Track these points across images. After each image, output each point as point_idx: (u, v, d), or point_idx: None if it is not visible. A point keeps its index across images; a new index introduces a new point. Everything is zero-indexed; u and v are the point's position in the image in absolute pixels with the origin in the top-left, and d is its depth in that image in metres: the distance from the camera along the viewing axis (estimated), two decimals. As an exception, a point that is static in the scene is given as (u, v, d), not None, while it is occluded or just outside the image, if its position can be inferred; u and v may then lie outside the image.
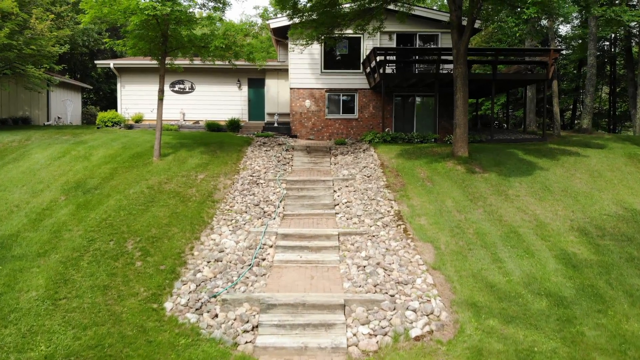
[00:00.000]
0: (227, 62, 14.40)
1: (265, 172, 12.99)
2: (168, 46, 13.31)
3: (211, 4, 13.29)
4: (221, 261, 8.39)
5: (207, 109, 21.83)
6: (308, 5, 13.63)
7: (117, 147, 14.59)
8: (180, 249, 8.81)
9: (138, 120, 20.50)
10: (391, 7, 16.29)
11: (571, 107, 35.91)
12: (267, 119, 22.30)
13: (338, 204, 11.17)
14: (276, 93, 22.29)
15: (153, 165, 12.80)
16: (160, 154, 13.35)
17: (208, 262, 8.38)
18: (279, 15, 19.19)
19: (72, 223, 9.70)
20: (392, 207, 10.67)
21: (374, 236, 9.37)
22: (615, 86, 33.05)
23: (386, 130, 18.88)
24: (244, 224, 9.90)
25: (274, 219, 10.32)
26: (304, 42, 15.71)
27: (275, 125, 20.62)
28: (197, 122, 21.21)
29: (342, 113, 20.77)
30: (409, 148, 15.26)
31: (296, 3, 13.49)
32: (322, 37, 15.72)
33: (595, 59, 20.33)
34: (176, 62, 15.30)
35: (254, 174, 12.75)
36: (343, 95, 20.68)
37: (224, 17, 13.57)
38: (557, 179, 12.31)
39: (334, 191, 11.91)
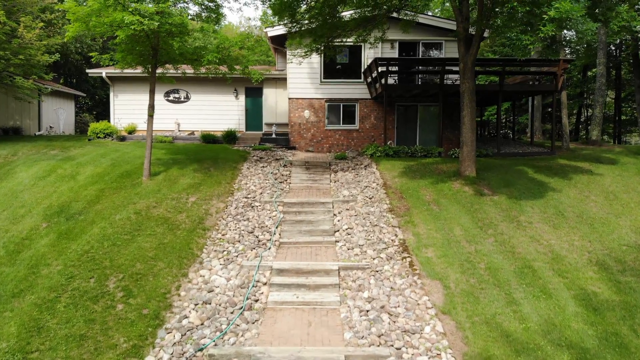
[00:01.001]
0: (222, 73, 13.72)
1: (261, 193, 12.28)
2: (159, 59, 12.61)
3: (204, 13, 12.58)
4: (210, 303, 7.68)
5: (203, 119, 21.13)
6: (306, 15, 12.91)
7: (105, 165, 13.88)
8: (166, 288, 8.09)
9: (131, 131, 19.79)
10: (394, 15, 15.58)
11: (575, 112, 35.16)
12: (265, 129, 21.59)
13: (338, 230, 10.46)
14: (274, 102, 21.57)
15: (142, 187, 12.09)
16: (150, 173, 12.64)
17: (195, 304, 7.67)
18: (276, 25, 18.43)
19: (52, 256, 9.00)
20: (396, 236, 9.95)
21: (377, 271, 8.66)
22: (620, 91, 32.32)
23: (388, 143, 18.16)
24: (237, 256, 9.18)
25: (269, 248, 9.61)
26: (303, 54, 14.99)
27: (273, 136, 19.92)
28: (192, 133, 20.50)
29: (343, 124, 20.06)
30: (412, 164, 14.54)
31: (294, 13, 12.77)
32: (322, 48, 15.01)
33: (604, 68, 19.60)
34: (170, 70, 14.58)
35: (249, 195, 12.04)
36: (343, 106, 19.97)
37: (217, 28, 12.86)
38: (571, 202, 11.59)
39: (334, 215, 11.20)
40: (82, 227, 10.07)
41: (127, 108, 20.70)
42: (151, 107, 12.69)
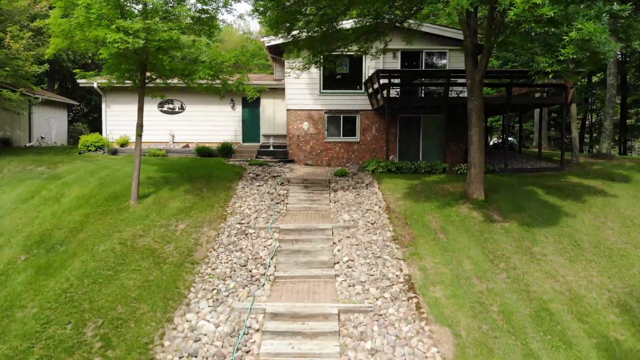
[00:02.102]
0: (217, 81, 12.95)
1: (256, 218, 11.55)
2: (148, 76, 11.89)
3: (197, 26, 11.86)
4: (196, 356, 6.95)
5: (198, 130, 20.40)
6: (304, 30, 12.18)
7: (93, 185, 13.16)
8: (149, 337, 7.37)
9: (123, 144, 19.07)
10: (397, 24, 14.85)
11: (580, 117, 34.42)
12: (262, 140, 20.88)
13: (338, 262, 9.73)
14: (272, 113, 20.85)
15: (129, 211, 11.37)
16: (138, 196, 11.92)
17: (180, 358, 6.95)
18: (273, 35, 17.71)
19: (28, 296, 8.29)
20: (401, 270, 9.23)
21: (381, 315, 7.93)
22: (626, 97, 31.57)
23: (390, 158, 17.43)
24: (227, 296, 8.45)
25: (263, 285, 8.89)
26: (301, 66, 14.27)
27: (271, 149, 19.19)
28: (187, 145, 19.78)
29: (343, 136, 19.34)
30: (416, 184, 13.81)
31: (291, 27, 12.04)
32: (321, 60, 14.29)
33: (615, 79, 18.87)
34: (161, 84, 13.85)
35: (243, 220, 11.31)
36: (344, 117, 19.25)
37: (211, 43, 12.15)
38: (587, 230, 10.86)
39: (334, 243, 10.47)
40: (62, 260, 9.36)
41: (120, 119, 19.97)
42: (139, 127, 11.97)
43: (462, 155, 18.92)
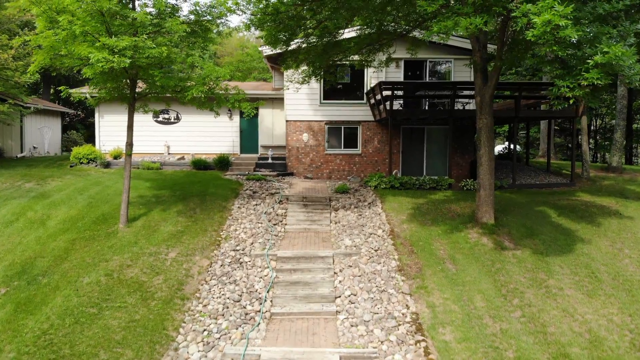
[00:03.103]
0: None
1: (252, 243, 10.89)
2: (137, 93, 11.24)
3: (191, 38, 11.20)
4: (183, 416, 6.31)
5: (195, 141, 19.76)
6: (303, 46, 11.52)
7: (81, 205, 12.51)
8: (132, 391, 6.72)
9: (117, 156, 18.43)
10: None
11: (586, 124, 33.73)
12: (260, 151, 20.23)
13: (340, 296, 9.07)
14: (271, 123, 20.21)
15: (118, 237, 10.72)
16: (127, 219, 11.26)
17: (165, 417, 6.30)
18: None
19: (6, 337, 7.63)
20: (407, 307, 8.57)
21: (385, 362, 7.28)
22: (632, 101, 30.89)
23: (394, 172, 16.77)
24: (219, 338, 7.80)
25: (258, 325, 8.23)
26: (300, 80, 13.61)
27: (270, 161, 18.54)
28: (182, 157, 19.12)
29: (344, 147, 18.70)
30: (422, 203, 13.15)
31: (289, 41, 11.37)
32: (321, 73, 13.64)
33: (625, 89, 18.20)
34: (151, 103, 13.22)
35: (238, 247, 10.65)
36: (345, 128, 18.61)
37: (204, 57, 11.47)
38: (603, 258, 10.20)
39: (335, 273, 9.82)
40: (44, 294, 8.71)
41: (113, 129, 19.30)
42: (129, 145, 11.31)
43: (467, 167, 18.28)
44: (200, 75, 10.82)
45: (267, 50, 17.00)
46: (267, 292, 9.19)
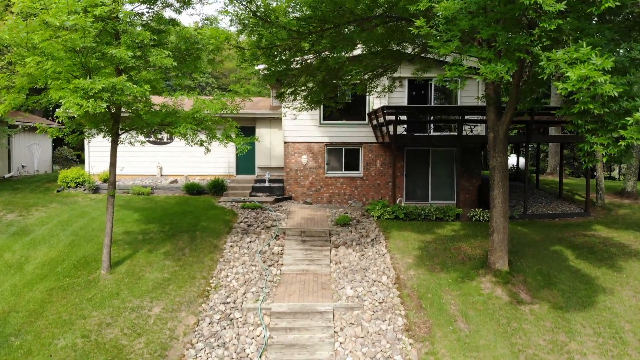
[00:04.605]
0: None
1: (244, 293, 9.99)
2: (121, 127, 10.37)
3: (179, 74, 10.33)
4: None
5: (189, 162, 18.85)
6: (301, 79, 10.64)
7: (63, 244, 11.65)
8: None
9: (106, 179, 17.51)
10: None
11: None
12: (257, 172, 19.35)
13: (340, 361, 8.19)
14: (269, 143, 19.31)
15: (99, 286, 9.83)
16: (110, 264, 10.38)
17: None
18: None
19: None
20: (414, 380, 7.68)
21: None
22: None
23: (397, 201, 15.87)
24: (205, 423, 6.92)
25: (250, 402, 7.35)
26: (299, 108, 12.73)
27: (267, 184, 17.63)
28: (175, 180, 18.22)
29: (345, 170, 17.81)
30: (429, 242, 12.24)
31: (285, 72, 10.46)
32: (321, 99, 12.75)
33: (642, 109, 17.26)
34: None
35: (228, 298, 9.75)
36: (346, 150, 17.72)
37: (193, 87, 10.59)
38: (627, 313, 9.30)
39: (335, 332, 8.92)
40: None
41: (103, 152, 18.26)
42: (112, 185, 10.43)
43: (475, 191, 17.39)
44: (188, 112, 9.92)
45: (264, 70, 16.10)
46: (260, 356, 8.31)
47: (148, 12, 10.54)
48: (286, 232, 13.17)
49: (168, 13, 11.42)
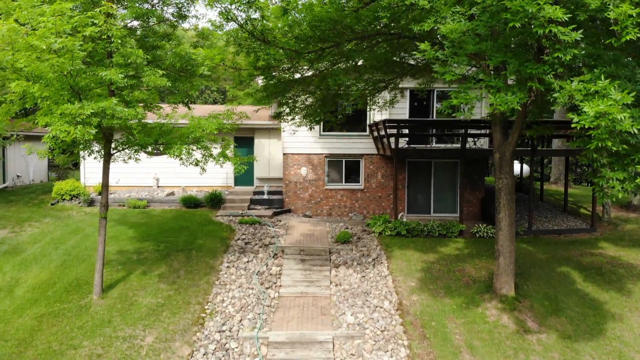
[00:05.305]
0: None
1: (240, 320, 9.63)
2: (114, 147, 10.03)
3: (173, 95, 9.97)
4: None
5: (186, 173, 18.41)
6: (299, 98, 10.29)
7: (55, 264, 11.31)
8: None
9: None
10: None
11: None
12: (256, 184, 19.01)
13: (340, 396, 7.83)
14: (267, 154, 18.97)
15: (90, 313, 9.47)
16: (102, 288, 10.03)
17: None
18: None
19: None
20: (418, 419, 7.33)
21: None
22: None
23: (399, 216, 15.52)
24: None
25: None
26: (297, 124, 12.39)
27: (266, 196, 17.29)
28: (172, 192, 17.87)
29: (345, 182, 17.48)
30: (432, 262, 11.89)
31: (283, 92, 10.10)
32: (321, 117, 12.41)
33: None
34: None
35: (224, 326, 9.38)
36: (346, 162, 17.39)
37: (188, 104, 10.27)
38: (636, 342, 8.95)
39: (335, 363, 8.58)
40: (-5, 399, 7.49)
41: (98, 163, 18.05)
42: (104, 206, 10.07)
43: (478, 204, 17.06)
44: (183, 130, 9.57)
45: (261, 92, 15.77)
46: (257, 391, 7.96)
47: (142, 27, 10.22)
48: (285, 250, 12.82)
49: (163, 28, 11.01)
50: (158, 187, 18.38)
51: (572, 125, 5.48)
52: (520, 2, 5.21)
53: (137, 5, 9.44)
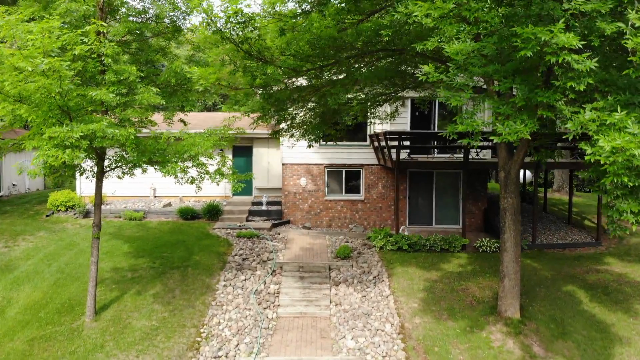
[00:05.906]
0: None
1: (237, 345, 9.33)
2: (107, 165, 9.72)
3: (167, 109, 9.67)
4: None
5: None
6: (298, 115, 9.99)
7: (48, 282, 11.02)
8: None
9: (97, 202, 16.87)
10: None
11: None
12: (255, 193, 18.71)
13: None
14: (266, 163, 18.68)
15: (82, 337, 9.17)
16: (95, 310, 9.72)
17: None
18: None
19: None
20: None
21: None
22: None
23: (401, 229, 15.23)
24: None
25: None
26: (297, 137, 12.09)
27: (264, 207, 17.00)
28: (169, 203, 17.57)
29: (345, 193, 17.20)
30: (435, 280, 11.59)
31: (281, 110, 9.81)
32: (321, 134, 12.12)
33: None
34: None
35: (220, 351, 9.08)
36: (346, 172, 17.11)
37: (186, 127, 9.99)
38: (652, 371, 8.67)
39: (334, 391, 8.28)
40: None
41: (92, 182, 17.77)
42: (97, 226, 9.77)
43: (480, 215, 16.77)
44: (178, 147, 9.27)
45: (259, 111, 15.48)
46: (254, 423, 7.66)
47: (136, 41, 9.91)
48: (283, 266, 12.53)
49: (158, 41, 10.74)
50: (155, 197, 18.08)
51: (586, 157, 5.19)
52: (532, 29, 4.92)
53: (131, 19, 9.14)
